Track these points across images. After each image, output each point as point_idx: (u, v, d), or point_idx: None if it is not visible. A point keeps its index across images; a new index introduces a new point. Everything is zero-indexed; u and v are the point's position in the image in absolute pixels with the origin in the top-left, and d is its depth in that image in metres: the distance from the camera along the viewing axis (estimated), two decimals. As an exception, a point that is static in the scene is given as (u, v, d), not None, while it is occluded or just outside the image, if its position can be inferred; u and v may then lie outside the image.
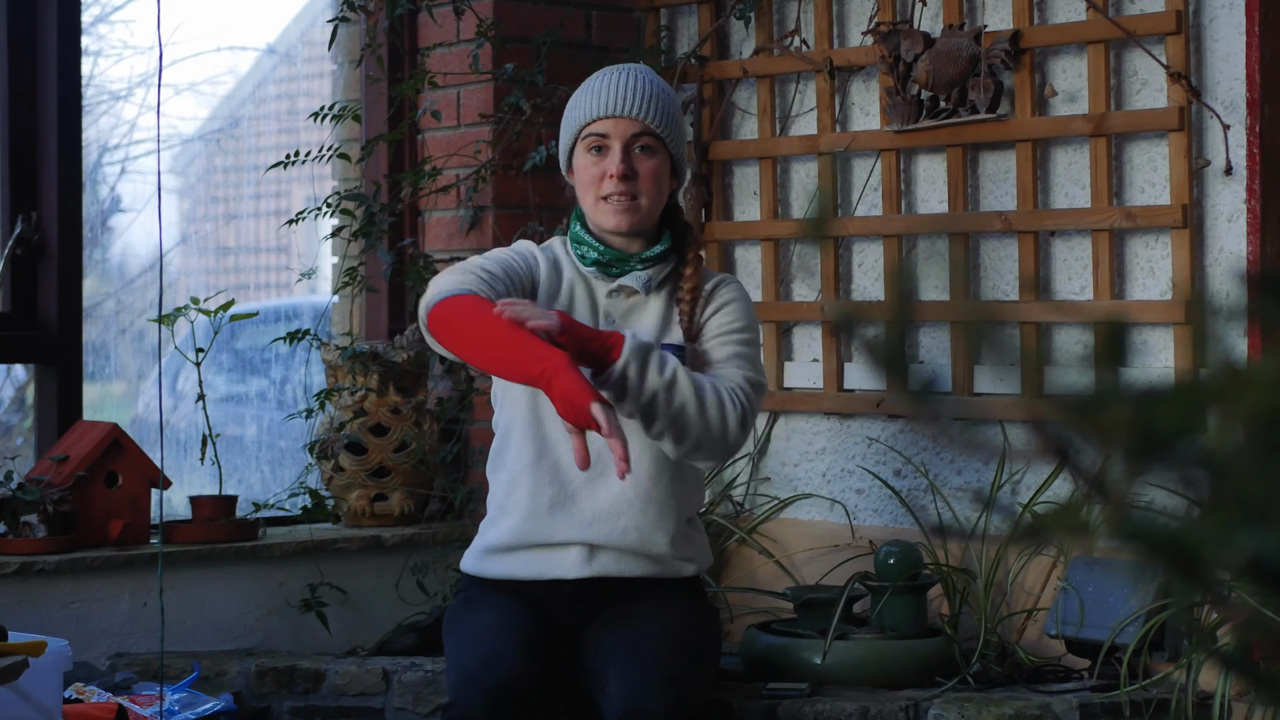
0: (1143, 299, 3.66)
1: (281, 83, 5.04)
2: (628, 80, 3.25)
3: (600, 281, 3.28)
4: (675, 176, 3.30)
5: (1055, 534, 0.99)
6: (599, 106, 3.24)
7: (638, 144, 3.23)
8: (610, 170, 3.21)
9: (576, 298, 3.28)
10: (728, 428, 3.08)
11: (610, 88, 3.25)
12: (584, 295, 3.28)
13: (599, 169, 3.23)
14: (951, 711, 3.26)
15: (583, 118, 3.25)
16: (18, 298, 3.97)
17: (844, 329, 4.03)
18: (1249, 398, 0.93)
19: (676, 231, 3.32)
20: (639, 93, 3.24)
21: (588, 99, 3.26)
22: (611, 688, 3.04)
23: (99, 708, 3.33)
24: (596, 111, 3.24)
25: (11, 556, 3.63)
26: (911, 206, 4.02)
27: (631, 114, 3.22)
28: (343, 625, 4.01)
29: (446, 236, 4.32)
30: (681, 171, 3.31)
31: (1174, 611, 3.36)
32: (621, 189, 3.21)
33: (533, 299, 3.17)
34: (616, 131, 3.23)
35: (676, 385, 3.02)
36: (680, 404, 3.03)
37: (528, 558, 3.26)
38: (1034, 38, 3.77)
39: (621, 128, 3.23)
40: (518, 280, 3.17)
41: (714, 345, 3.23)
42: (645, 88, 3.25)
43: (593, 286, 3.29)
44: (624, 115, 3.22)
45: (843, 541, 3.99)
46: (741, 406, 3.10)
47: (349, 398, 4.11)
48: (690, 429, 3.06)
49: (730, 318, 3.26)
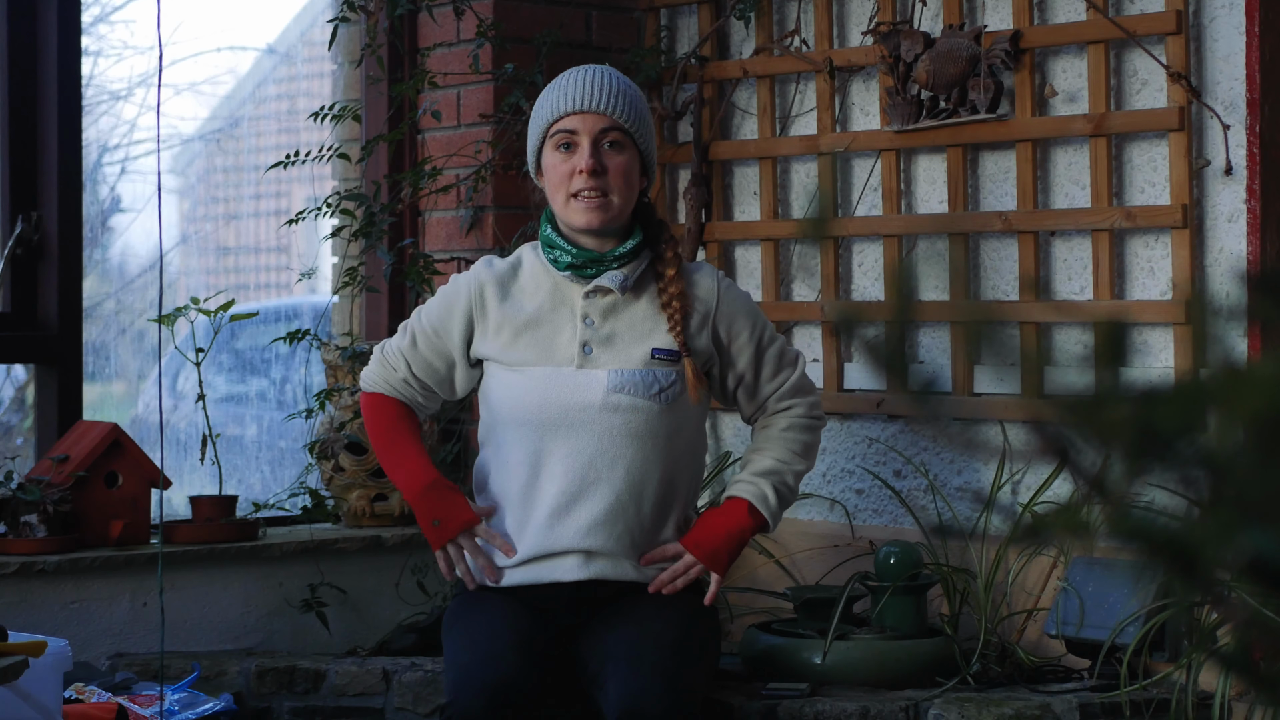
0: (1143, 299, 3.66)
1: (281, 83, 5.04)
2: (593, 77, 3.25)
3: (575, 284, 3.27)
4: (645, 174, 3.29)
5: (1055, 534, 0.99)
6: (566, 103, 3.23)
7: (606, 139, 3.22)
8: (580, 166, 3.20)
9: (551, 306, 3.27)
10: (817, 440, 3.44)
11: (576, 85, 3.24)
12: (560, 301, 3.27)
13: (568, 166, 3.22)
14: (951, 711, 3.26)
15: (550, 115, 3.24)
16: (18, 298, 3.97)
17: (844, 329, 4.03)
18: (1249, 398, 0.93)
19: (649, 228, 3.31)
20: (605, 88, 3.23)
21: (554, 97, 3.25)
22: (610, 687, 3.04)
23: (99, 708, 3.33)
24: (563, 108, 3.23)
25: (11, 556, 3.63)
26: (911, 206, 4.02)
27: (599, 109, 3.22)
28: (343, 625, 4.01)
29: (446, 236, 4.32)
30: (651, 169, 3.31)
31: (1174, 611, 3.36)
32: (591, 184, 3.20)
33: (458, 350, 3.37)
34: (585, 127, 3.22)
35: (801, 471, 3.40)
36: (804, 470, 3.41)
37: (526, 569, 3.27)
38: (1034, 38, 3.77)
39: (589, 123, 3.22)
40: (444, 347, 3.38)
41: (741, 355, 3.35)
42: (611, 84, 3.25)
43: (569, 291, 3.28)
44: (591, 110, 3.22)
45: (843, 541, 3.99)
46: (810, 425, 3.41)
47: (349, 398, 4.11)
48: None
49: (740, 321, 3.30)
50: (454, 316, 3.31)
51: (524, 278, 3.30)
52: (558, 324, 3.25)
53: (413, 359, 3.37)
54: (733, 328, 3.29)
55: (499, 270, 3.30)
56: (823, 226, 3.80)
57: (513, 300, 3.27)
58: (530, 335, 3.25)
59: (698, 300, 3.28)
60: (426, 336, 3.36)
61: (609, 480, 3.21)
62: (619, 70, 3.36)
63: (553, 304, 3.26)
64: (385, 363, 3.40)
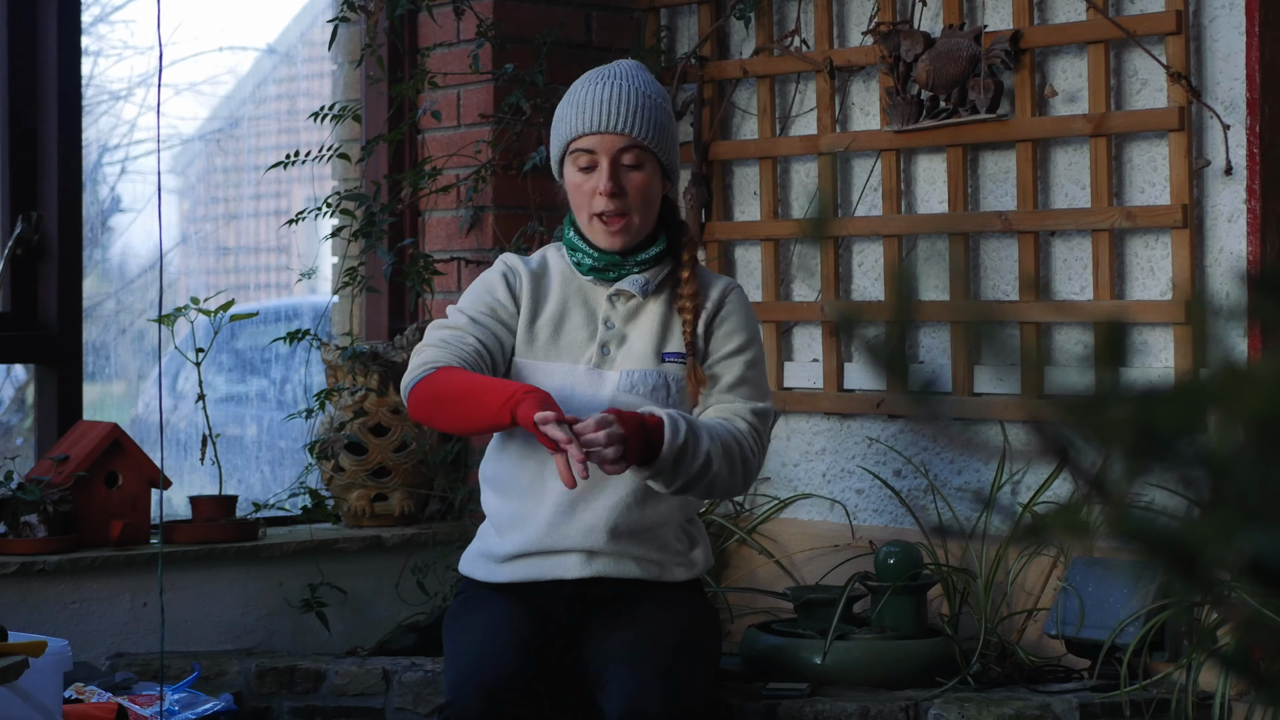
0: (1143, 299, 3.66)
1: (281, 83, 5.03)
2: (612, 91, 3.23)
3: (598, 287, 3.28)
4: (668, 178, 3.30)
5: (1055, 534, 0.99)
6: (584, 123, 3.22)
7: (624, 159, 3.22)
8: (599, 188, 3.21)
9: (574, 306, 3.28)
10: (748, 478, 3.23)
11: (594, 102, 3.23)
12: (582, 303, 3.28)
13: (589, 185, 3.23)
14: (951, 711, 3.26)
15: (568, 133, 3.24)
16: (18, 298, 3.97)
17: (844, 329, 4.02)
18: (1249, 398, 0.93)
19: (672, 231, 3.31)
20: (623, 105, 3.22)
21: (573, 113, 3.24)
22: (611, 688, 3.05)
23: (99, 708, 3.33)
24: (581, 128, 3.23)
25: (11, 556, 3.63)
26: (911, 206, 4.02)
27: (616, 129, 3.21)
28: (343, 625, 4.01)
29: (446, 236, 4.32)
30: (674, 173, 3.31)
31: (1174, 611, 3.36)
32: (611, 207, 3.21)
33: (515, 320, 3.25)
34: (603, 147, 3.22)
35: (711, 465, 3.12)
36: (710, 478, 3.15)
37: (528, 564, 3.27)
38: (1034, 38, 3.77)
39: (607, 144, 3.22)
40: (501, 317, 3.24)
41: (721, 368, 3.26)
42: (630, 97, 3.23)
43: (591, 293, 3.29)
44: (609, 131, 3.21)
45: (843, 541, 3.99)
46: (755, 452, 3.23)
47: (349, 398, 4.11)
48: (716, 491, 3.23)
49: (734, 336, 3.28)
50: (499, 291, 3.28)
51: (551, 275, 3.31)
52: (579, 323, 3.26)
53: (478, 332, 3.22)
54: (727, 340, 3.29)
55: (529, 263, 3.32)
56: (823, 226, 3.80)
57: (539, 294, 3.28)
58: (551, 332, 3.26)
59: (708, 300, 3.29)
60: (481, 313, 3.25)
61: (615, 481, 3.21)
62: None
63: (575, 304, 3.28)
64: (445, 343, 3.19)
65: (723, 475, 3.15)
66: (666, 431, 3.06)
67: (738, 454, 3.18)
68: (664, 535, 3.28)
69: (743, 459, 3.19)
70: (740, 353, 3.28)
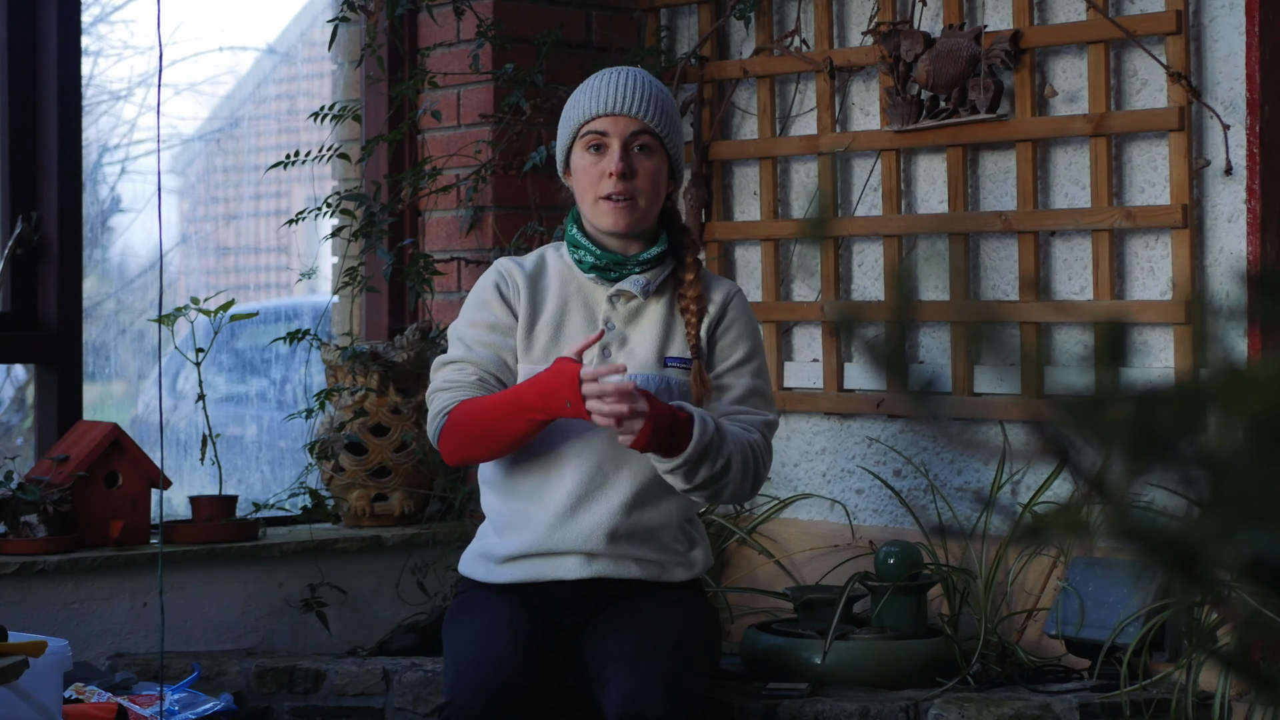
0: (1143, 299, 3.66)
1: (281, 83, 5.03)
2: (627, 80, 3.26)
3: (599, 287, 3.28)
4: (672, 179, 3.30)
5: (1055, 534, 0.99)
6: (598, 104, 3.24)
7: (636, 143, 3.23)
8: (609, 168, 3.21)
9: (574, 307, 3.27)
10: (755, 488, 3.26)
11: (610, 86, 3.25)
12: (582, 303, 3.28)
13: (598, 168, 3.23)
14: (951, 711, 3.26)
15: (581, 116, 3.25)
16: (18, 298, 3.97)
17: (844, 329, 4.03)
18: (1249, 398, 0.93)
19: (673, 234, 3.32)
20: (638, 91, 3.24)
21: (586, 98, 3.26)
22: (611, 688, 3.05)
23: (99, 708, 3.33)
24: (595, 109, 3.23)
25: (11, 556, 3.63)
26: (911, 206, 4.02)
27: (631, 112, 3.22)
28: (343, 625, 4.01)
29: (446, 236, 4.32)
30: (679, 174, 3.32)
31: (1174, 611, 3.36)
32: (620, 188, 3.21)
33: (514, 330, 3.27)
34: (616, 130, 3.23)
35: (730, 469, 3.15)
36: (725, 481, 3.16)
37: (528, 565, 3.27)
38: (1034, 38, 3.77)
39: (621, 126, 3.23)
40: (501, 332, 3.25)
41: (730, 378, 3.27)
42: (644, 88, 3.25)
43: (591, 293, 3.29)
44: (623, 113, 3.22)
45: (843, 541, 3.99)
46: (766, 464, 3.26)
47: (349, 398, 4.11)
48: (724, 495, 3.23)
49: (740, 345, 3.28)
50: (494, 306, 3.27)
51: (548, 276, 3.30)
52: (579, 325, 3.25)
53: (479, 359, 3.24)
54: (733, 349, 3.29)
55: (524, 266, 3.31)
56: (823, 226, 3.80)
57: (537, 297, 3.28)
58: (551, 335, 3.25)
59: (711, 304, 3.29)
60: (479, 333, 3.26)
61: (616, 485, 3.21)
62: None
63: (575, 304, 3.27)
64: (451, 384, 3.22)
65: (736, 481, 3.17)
66: (695, 427, 3.07)
67: (752, 463, 3.20)
68: (663, 536, 3.28)
69: (755, 468, 3.22)
70: (748, 362, 3.29)
